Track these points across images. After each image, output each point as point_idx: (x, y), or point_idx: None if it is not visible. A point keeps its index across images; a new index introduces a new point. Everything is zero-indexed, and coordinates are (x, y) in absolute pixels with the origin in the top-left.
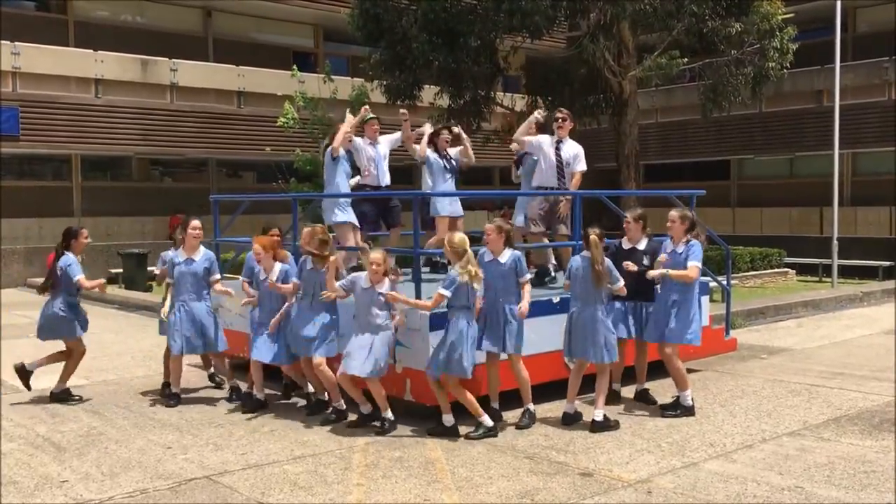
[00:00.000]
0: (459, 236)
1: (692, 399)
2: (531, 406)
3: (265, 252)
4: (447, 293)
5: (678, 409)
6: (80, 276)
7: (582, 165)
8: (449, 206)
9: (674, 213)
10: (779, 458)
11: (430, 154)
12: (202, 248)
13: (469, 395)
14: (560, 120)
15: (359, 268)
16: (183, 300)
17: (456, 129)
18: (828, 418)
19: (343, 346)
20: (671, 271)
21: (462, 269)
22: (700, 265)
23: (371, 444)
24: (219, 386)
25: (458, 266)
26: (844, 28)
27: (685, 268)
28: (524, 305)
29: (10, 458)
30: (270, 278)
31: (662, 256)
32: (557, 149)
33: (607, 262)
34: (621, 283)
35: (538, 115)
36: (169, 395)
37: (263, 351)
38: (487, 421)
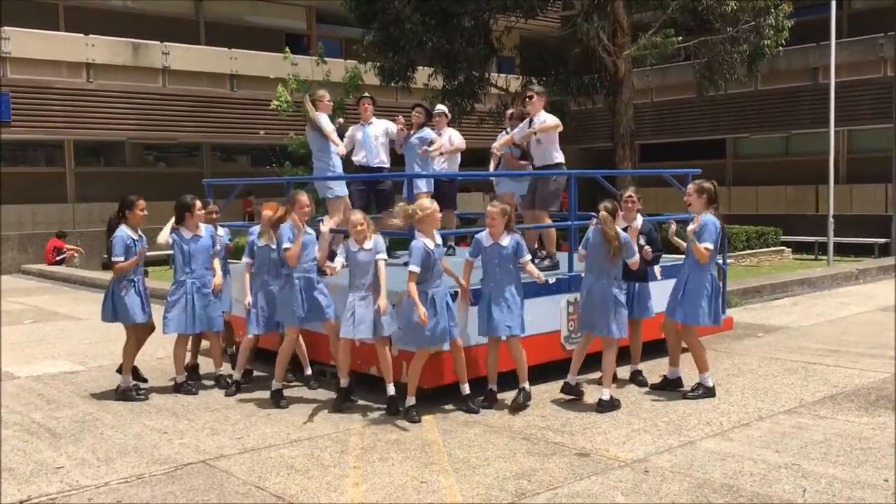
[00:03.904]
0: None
1: (711, 380)
2: (526, 385)
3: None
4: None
5: (701, 389)
6: (116, 258)
7: (549, 121)
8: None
9: (691, 186)
10: (775, 435)
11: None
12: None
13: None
14: (528, 98)
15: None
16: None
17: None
18: (824, 396)
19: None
20: (694, 241)
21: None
22: (711, 247)
23: (367, 427)
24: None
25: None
26: (839, 5)
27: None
28: (540, 276)
29: (6, 445)
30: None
31: (691, 227)
32: (530, 126)
33: (624, 235)
34: (637, 257)
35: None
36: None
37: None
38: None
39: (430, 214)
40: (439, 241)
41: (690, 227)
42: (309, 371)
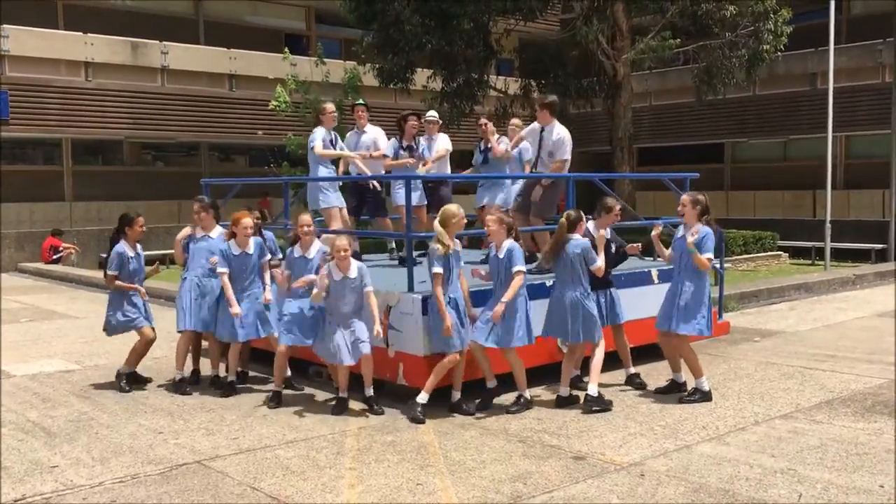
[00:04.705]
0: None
1: (708, 385)
2: (526, 393)
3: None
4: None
5: (696, 394)
6: (111, 272)
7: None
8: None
9: (685, 197)
10: (771, 440)
11: (392, 143)
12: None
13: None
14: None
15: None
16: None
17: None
18: (820, 401)
19: (320, 341)
20: (695, 252)
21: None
22: (712, 256)
23: (363, 429)
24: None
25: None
26: (839, 10)
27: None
28: (506, 298)
29: (1, 444)
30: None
31: (691, 239)
32: (542, 133)
33: (584, 241)
34: (599, 263)
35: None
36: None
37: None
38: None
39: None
40: (458, 247)
41: (690, 238)
42: (288, 373)
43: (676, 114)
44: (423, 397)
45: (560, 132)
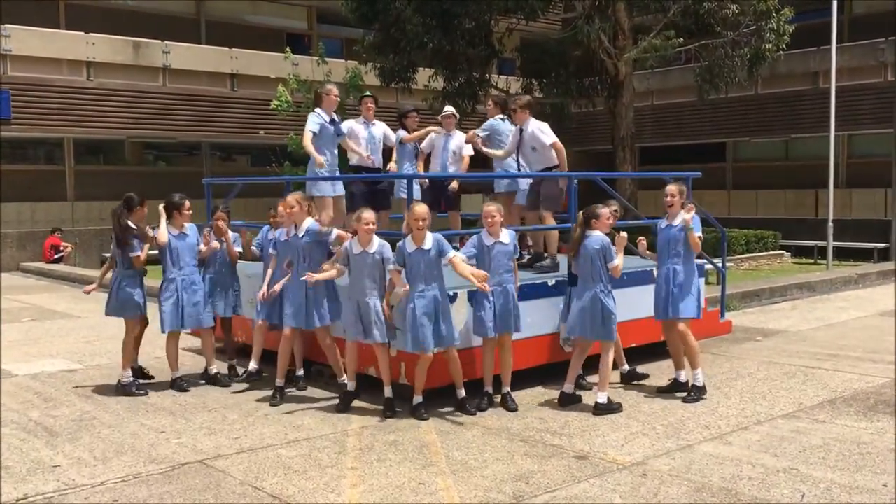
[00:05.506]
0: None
1: (703, 378)
2: (507, 388)
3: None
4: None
5: (693, 391)
6: (137, 254)
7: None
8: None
9: (672, 188)
10: (774, 439)
11: (401, 135)
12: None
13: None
14: (512, 111)
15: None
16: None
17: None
18: (822, 400)
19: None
20: (691, 230)
21: None
22: (701, 234)
23: (366, 428)
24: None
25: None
26: (841, 9)
27: (681, 241)
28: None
29: (3, 443)
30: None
31: (688, 216)
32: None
33: (603, 238)
34: (616, 262)
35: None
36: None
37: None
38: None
39: (411, 219)
40: (427, 245)
41: (687, 216)
42: (301, 372)
43: (678, 113)
44: (417, 399)
45: (535, 124)
